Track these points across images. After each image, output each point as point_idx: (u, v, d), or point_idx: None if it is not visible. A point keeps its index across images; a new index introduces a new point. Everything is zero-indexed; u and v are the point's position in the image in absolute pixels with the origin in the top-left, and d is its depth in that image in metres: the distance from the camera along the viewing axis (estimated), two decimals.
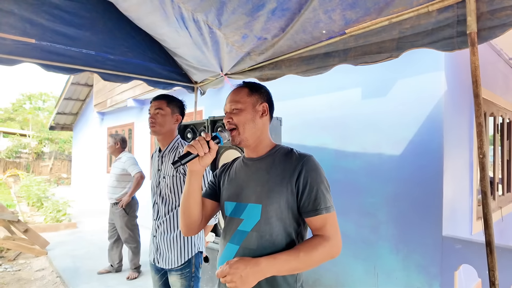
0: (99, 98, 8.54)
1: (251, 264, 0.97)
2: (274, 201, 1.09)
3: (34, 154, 17.58)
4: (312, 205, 1.07)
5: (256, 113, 1.18)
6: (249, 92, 1.20)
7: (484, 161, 1.21)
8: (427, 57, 2.54)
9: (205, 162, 1.10)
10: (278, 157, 1.16)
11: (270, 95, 1.26)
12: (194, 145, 1.07)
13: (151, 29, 2.59)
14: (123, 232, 3.86)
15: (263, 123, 1.20)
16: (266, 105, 1.21)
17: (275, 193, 1.09)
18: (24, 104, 26.15)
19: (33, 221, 6.77)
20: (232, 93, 1.22)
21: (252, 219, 1.11)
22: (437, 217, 2.48)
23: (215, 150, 1.11)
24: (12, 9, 2.07)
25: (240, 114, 1.16)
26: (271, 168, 1.14)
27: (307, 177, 1.08)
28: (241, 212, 1.14)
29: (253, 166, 1.19)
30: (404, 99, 2.69)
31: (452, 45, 1.35)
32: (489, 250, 1.18)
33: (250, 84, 1.23)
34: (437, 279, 2.44)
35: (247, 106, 1.17)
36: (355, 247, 2.94)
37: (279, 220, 1.09)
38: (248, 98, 1.18)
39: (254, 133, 1.17)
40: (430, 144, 2.53)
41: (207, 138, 1.09)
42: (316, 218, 1.07)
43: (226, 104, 1.21)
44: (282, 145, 1.23)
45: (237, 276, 0.95)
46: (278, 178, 1.10)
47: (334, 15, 1.60)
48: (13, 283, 3.74)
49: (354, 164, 2.99)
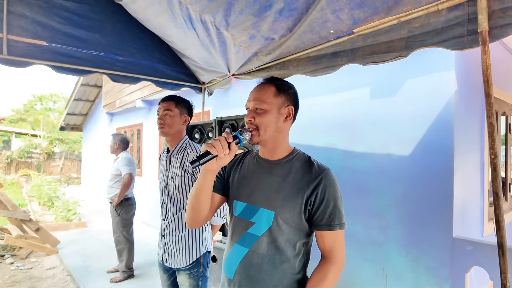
0: (108, 99, 8.64)
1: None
2: (288, 210, 1.08)
3: (45, 154, 17.87)
4: (327, 219, 1.07)
5: (280, 116, 1.11)
6: (276, 92, 1.12)
7: (496, 161, 1.19)
8: (437, 56, 2.51)
9: (222, 162, 1.04)
10: (295, 165, 1.13)
11: (297, 97, 1.19)
12: (215, 146, 0.99)
13: (159, 31, 2.61)
14: (114, 233, 3.88)
15: (286, 126, 1.15)
16: (292, 108, 1.14)
17: (290, 203, 1.08)
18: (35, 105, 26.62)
19: (44, 220, 6.89)
20: (257, 89, 1.14)
21: (263, 224, 1.09)
22: (447, 218, 2.44)
23: (234, 152, 1.04)
24: (24, 12, 2.11)
25: (263, 115, 1.09)
26: (288, 176, 1.11)
27: (325, 192, 1.07)
28: (253, 214, 1.12)
29: (268, 169, 1.15)
30: (413, 99, 2.65)
31: (463, 44, 1.33)
32: (501, 252, 1.16)
33: (279, 82, 1.14)
34: (447, 281, 2.40)
35: (272, 108, 1.10)
36: (363, 249, 2.92)
37: (290, 229, 1.09)
38: (274, 99, 1.11)
39: (275, 136, 1.12)
40: (440, 144, 2.50)
41: (229, 139, 1.02)
42: (328, 234, 1.08)
43: (250, 101, 1.12)
44: (299, 151, 1.19)
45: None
46: (295, 188, 1.08)
47: (342, 14, 1.59)
48: (25, 281, 3.82)
49: (362, 165, 2.97)
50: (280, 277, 1.08)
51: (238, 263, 1.12)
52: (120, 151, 3.96)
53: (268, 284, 1.08)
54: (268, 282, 1.08)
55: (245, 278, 1.10)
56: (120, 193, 3.71)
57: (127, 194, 3.79)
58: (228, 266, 1.16)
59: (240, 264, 1.12)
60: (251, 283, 1.09)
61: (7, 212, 4.82)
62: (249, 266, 1.10)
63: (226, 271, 1.17)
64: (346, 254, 1.12)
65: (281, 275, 1.08)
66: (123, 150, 3.98)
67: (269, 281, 1.08)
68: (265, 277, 1.08)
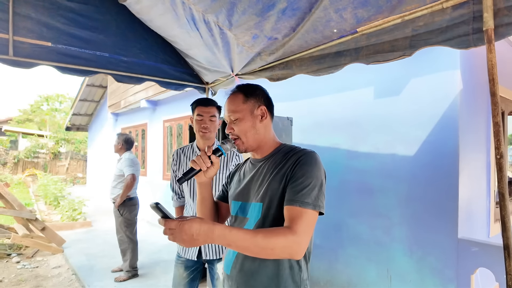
0: (113, 99, 8.70)
1: (204, 228, 0.88)
2: (273, 199, 1.08)
3: (51, 154, 18.04)
4: (290, 194, 1.02)
5: (255, 119, 1.17)
6: (245, 98, 1.17)
7: (501, 161, 1.18)
8: (442, 55, 2.48)
9: (209, 174, 1.15)
10: (280, 155, 1.16)
11: (267, 94, 1.24)
12: (197, 161, 1.12)
13: (163, 31, 2.62)
14: (117, 232, 3.90)
15: (265, 125, 1.19)
16: (264, 107, 1.19)
17: (274, 191, 1.08)
18: (42, 105, 26.87)
19: (50, 219, 6.95)
20: (227, 101, 1.20)
21: (254, 217, 1.12)
22: (452, 219, 2.42)
23: (217, 163, 1.14)
24: (29, 13, 2.13)
25: (239, 124, 1.15)
26: (272, 167, 1.14)
27: (300, 169, 1.05)
28: (247, 211, 1.16)
29: (258, 166, 1.21)
30: (418, 98, 2.63)
31: (468, 43, 1.31)
32: (507, 254, 1.15)
33: (244, 88, 1.20)
34: (452, 283, 2.38)
35: (245, 114, 1.16)
36: (367, 249, 2.90)
37: (278, 220, 1.07)
38: (244, 105, 1.16)
39: (257, 138, 1.17)
40: (445, 144, 2.47)
41: (208, 153, 1.13)
42: (289, 208, 1.00)
43: (224, 114, 1.20)
44: (287, 144, 1.22)
45: (187, 235, 0.87)
46: (278, 176, 1.09)
47: (345, 13, 1.58)
48: (31, 279, 3.85)
49: (366, 165, 2.95)
50: (274, 268, 1.08)
51: (234, 258, 1.15)
52: (123, 151, 3.97)
53: (262, 275, 1.08)
54: (262, 274, 1.08)
55: (240, 272, 1.12)
56: (122, 194, 3.72)
57: (130, 194, 3.80)
58: (226, 262, 1.20)
59: (235, 258, 1.15)
60: (246, 276, 1.11)
61: (14, 211, 4.87)
62: (243, 260, 1.12)
63: (224, 267, 1.21)
64: (349, 254, 1.11)
65: (275, 266, 1.08)
66: (127, 150, 3.98)
67: (263, 272, 1.08)
68: (259, 268, 1.09)
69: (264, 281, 1.08)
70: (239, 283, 1.12)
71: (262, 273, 1.08)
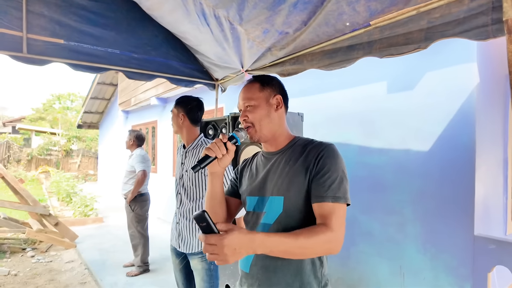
0: (123, 97, 8.79)
1: (245, 240, 0.85)
2: (296, 192, 1.06)
3: (63, 151, 18.37)
4: (320, 190, 1.01)
5: (271, 107, 1.15)
6: (261, 87, 1.17)
7: None
8: (458, 48, 2.42)
9: (224, 163, 1.11)
10: (297, 148, 1.13)
11: (283, 86, 1.23)
12: (212, 148, 1.07)
13: (173, 27, 2.62)
14: (129, 228, 3.95)
15: (279, 116, 1.18)
16: (279, 97, 1.18)
17: (295, 184, 1.06)
18: (54, 104, 27.30)
19: (63, 215, 7.09)
20: (243, 89, 1.19)
21: (274, 211, 1.09)
22: (468, 216, 2.36)
23: (233, 151, 1.10)
24: (43, 11, 2.16)
25: (254, 111, 1.14)
26: (291, 160, 1.11)
27: (324, 163, 1.03)
28: (264, 205, 1.12)
29: (273, 160, 1.17)
30: (433, 92, 2.57)
31: (486, 34, 1.27)
32: None
33: (260, 78, 1.20)
34: (468, 281, 2.33)
35: (261, 102, 1.15)
36: (380, 246, 2.87)
37: (301, 213, 1.06)
38: (260, 93, 1.16)
39: (272, 128, 1.15)
40: (461, 139, 2.42)
41: (224, 140, 1.08)
42: (321, 205, 1.00)
43: (239, 102, 1.19)
44: (302, 137, 1.20)
45: (229, 250, 0.82)
46: (299, 169, 1.07)
47: (358, 6, 1.55)
48: (45, 273, 3.94)
49: (379, 160, 2.91)
50: (297, 265, 1.05)
51: (253, 255, 1.10)
52: (135, 147, 4.01)
53: (286, 273, 1.05)
54: (286, 271, 1.05)
55: (261, 269, 1.09)
56: (133, 190, 3.76)
57: (141, 190, 3.84)
58: (244, 260, 1.14)
59: (255, 256, 1.10)
60: (268, 274, 1.07)
61: (28, 206, 4.98)
62: (264, 257, 1.06)
63: (242, 265, 1.16)
64: (361, 251, 1.09)
65: (298, 262, 1.05)
66: (138, 146, 4.02)
67: (286, 270, 1.05)
68: (282, 265, 1.06)
69: (287, 277, 1.05)
70: (261, 280, 1.09)
71: (285, 269, 1.05)
